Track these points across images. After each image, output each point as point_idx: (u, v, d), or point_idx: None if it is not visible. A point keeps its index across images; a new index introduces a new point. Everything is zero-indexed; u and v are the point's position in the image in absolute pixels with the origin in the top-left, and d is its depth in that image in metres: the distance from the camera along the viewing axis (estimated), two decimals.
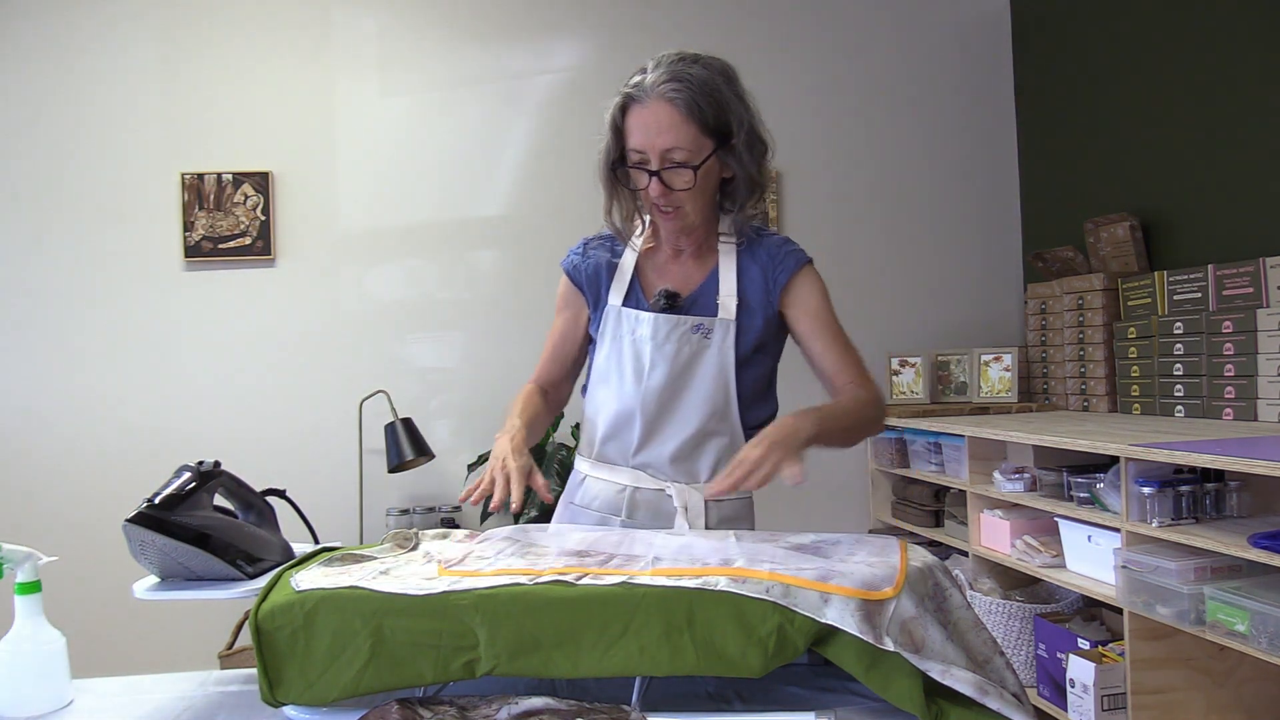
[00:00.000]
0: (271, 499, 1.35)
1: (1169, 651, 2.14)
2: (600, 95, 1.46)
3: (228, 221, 3.18)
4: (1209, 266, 2.54)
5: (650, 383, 1.48)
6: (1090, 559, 2.32)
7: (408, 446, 2.98)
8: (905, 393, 3.41)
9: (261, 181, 3.19)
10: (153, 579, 1.23)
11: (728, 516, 1.50)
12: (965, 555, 2.81)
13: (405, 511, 3.12)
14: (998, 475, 2.62)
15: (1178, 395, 2.62)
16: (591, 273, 1.57)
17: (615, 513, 1.53)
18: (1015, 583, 2.73)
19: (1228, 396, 2.45)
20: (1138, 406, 2.77)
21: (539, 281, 3.01)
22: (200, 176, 3.17)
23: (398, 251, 3.31)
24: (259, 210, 3.19)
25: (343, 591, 1.07)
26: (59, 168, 3.14)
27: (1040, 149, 3.50)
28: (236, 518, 1.29)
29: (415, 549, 1.29)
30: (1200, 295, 2.57)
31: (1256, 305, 2.39)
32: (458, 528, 1.82)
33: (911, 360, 3.40)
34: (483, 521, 3.13)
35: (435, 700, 1.02)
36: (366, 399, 3.10)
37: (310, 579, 1.11)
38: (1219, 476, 2.05)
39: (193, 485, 1.21)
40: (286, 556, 1.30)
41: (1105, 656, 2.28)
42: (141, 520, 1.15)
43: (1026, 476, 2.56)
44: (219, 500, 1.28)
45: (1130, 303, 2.84)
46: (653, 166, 1.40)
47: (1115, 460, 2.17)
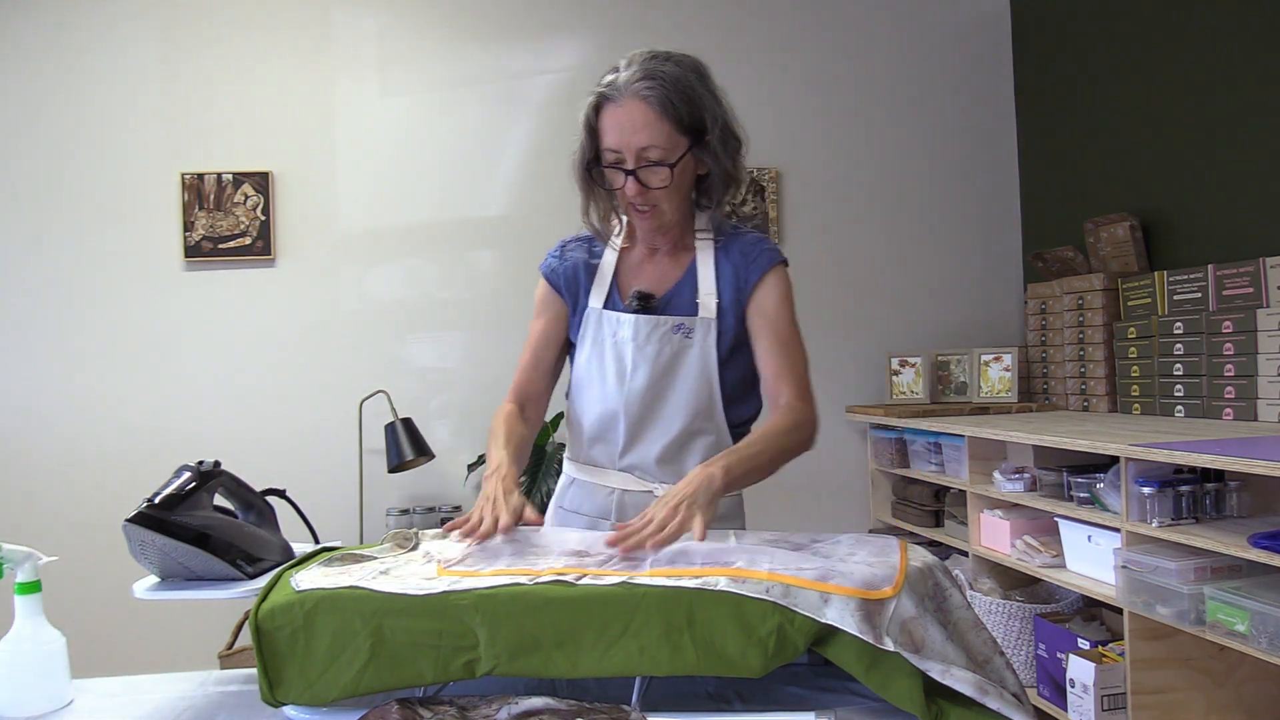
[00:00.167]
0: (271, 499, 1.35)
1: (1169, 651, 2.15)
2: None
3: (228, 221, 3.18)
4: (1209, 266, 2.54)
5: (633, 385, 1.48)
6: (1090, 559, 2.32)
7: (408, 446, 2.98)
8: (905, 393, 3.41)
9: (261, 181, 3.19)
10: (153, 579, 1.23)
11: (719, 515, 1.50)
12: (965, 555, 2.81)
13: (405, 511, 3.12)
14: (998, 475, 2.62)
15: (1178, 395, 2.62)
16: (570, 275, 1.56)
17: (604, 516, 1.53)
18: (1015, 583, 2.73)
19: (1228, 396, 2.45)
20: (1138, 406, 2.77)
21: (539, 281, 3.01)
22: (200, 176, 3.17)
23: (398, 251, 3.31)
24: (259, 210, 3.19)
25: (343, 591, 1.07)
26: (59, 168, 3.14)
27: (1040, 149, 3.50)
28: (236, 518, 1.29)
29: (415, 549, 1.29)
30: (1200, 295, 2.57)
31: (1256, 305, 2.39)
32: None
33: (911, 360, 3.40)
34: None
35: (435, 700, 1.02)
36: (366, 399, 3.10)
37: (310, 579, 1.11)
38: (1219, 476, 2.05)
39: (193, 485, 1.21)
40: (286, 556, 1.30)
41: (1105, 656, 2.28)
42: (141, 520, 1.15)
43: (1026, 476, 2.56)
44: (219, 500, 1.28)
45: (1130, 303, 2.84)
46: (628, 165, 1.39)
47: (1115, 460, 2.17)
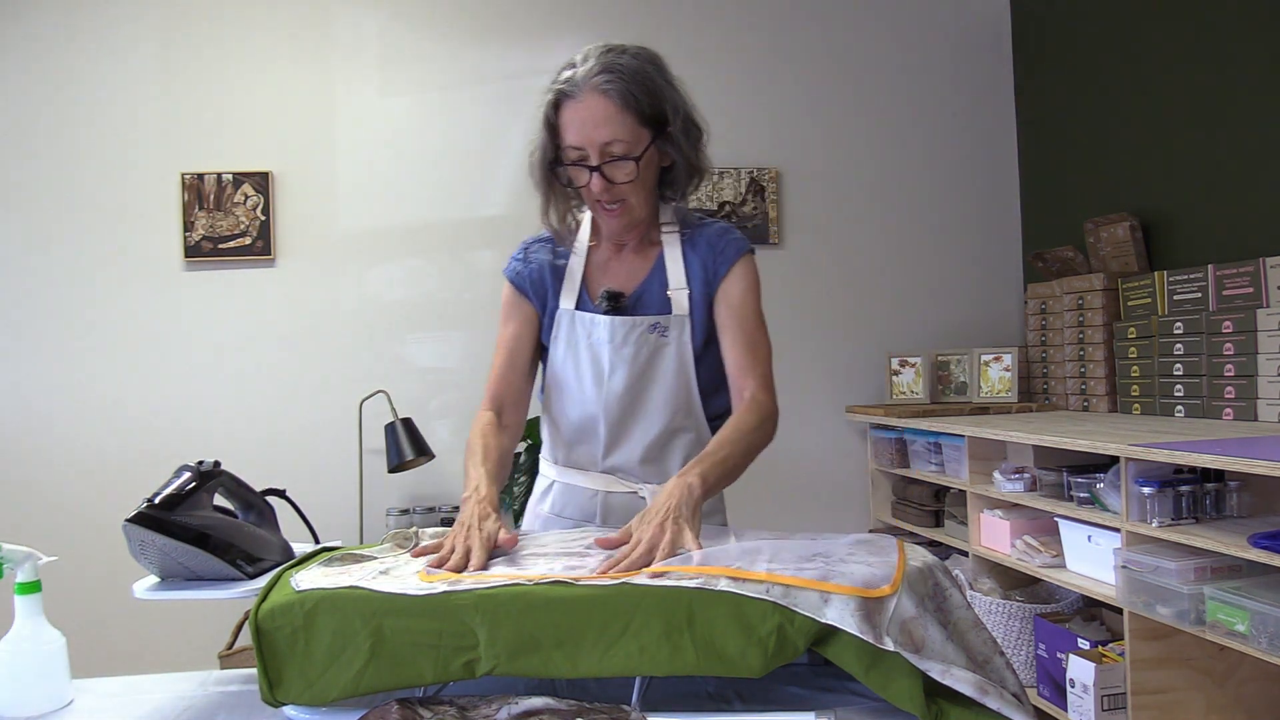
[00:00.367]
0: (271, 499, 1.35)
1: (1169, 651, 2.15)
2: None
3: (228, 221, 3.18)
4: (1209, 266, 2.54)
5: (612, 386, 1.47)
6: (1090, 559, 2.32)
7: (408, 446, 2.98)
8: (905, 393, 3.41)
9: (261, 181, 3.19)
10: (153, 579, 1.23)
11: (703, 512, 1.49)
12: (965, 555, 2.81)
13: (405, 511, 3.12)
14: (998, 475, 2.62)
15: (1178, 395, 2.62)
16: (536, 277, 1.53)
17: (589, 518, 1.51)
18: (1015, 583, 2.73)
19: (1228, 396, 2.45)
20: (1138, 406, 2.77)
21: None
22: (200, 176, 3.17)
23: (398, 251, 3.31)
24: (259, 210, 3.19)
25: (343, 591, 1.07)
26: (59, 168, 3.14)
27: (1040, 149, 3.50)
28: (236, 518, 1.29)
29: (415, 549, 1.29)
30: (1200, 295, 2.57)
31: (1256, 305, 2.39)
32: None
33: (911, 360, 3.40)
34: None
35: (435, 700, 1.02)
36: (366, 399, 3.10)
37: (310, 579, 1.11)
38: (1219, 476, 2.05)
39: (193, 485, 1.21)
40: (286, 556, 1.30)
41: (1105, 656, 2.28)
42: (141, 520, 1.15)
43: (1026, 476, 2.56)
44: (219, 500, 1.28)
45: (1130, 303, 2.84)
46: (592, 162, 1.37)
47: (1115, 460, 2.17)
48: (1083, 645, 2.35)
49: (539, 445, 1.67)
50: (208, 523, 1.20)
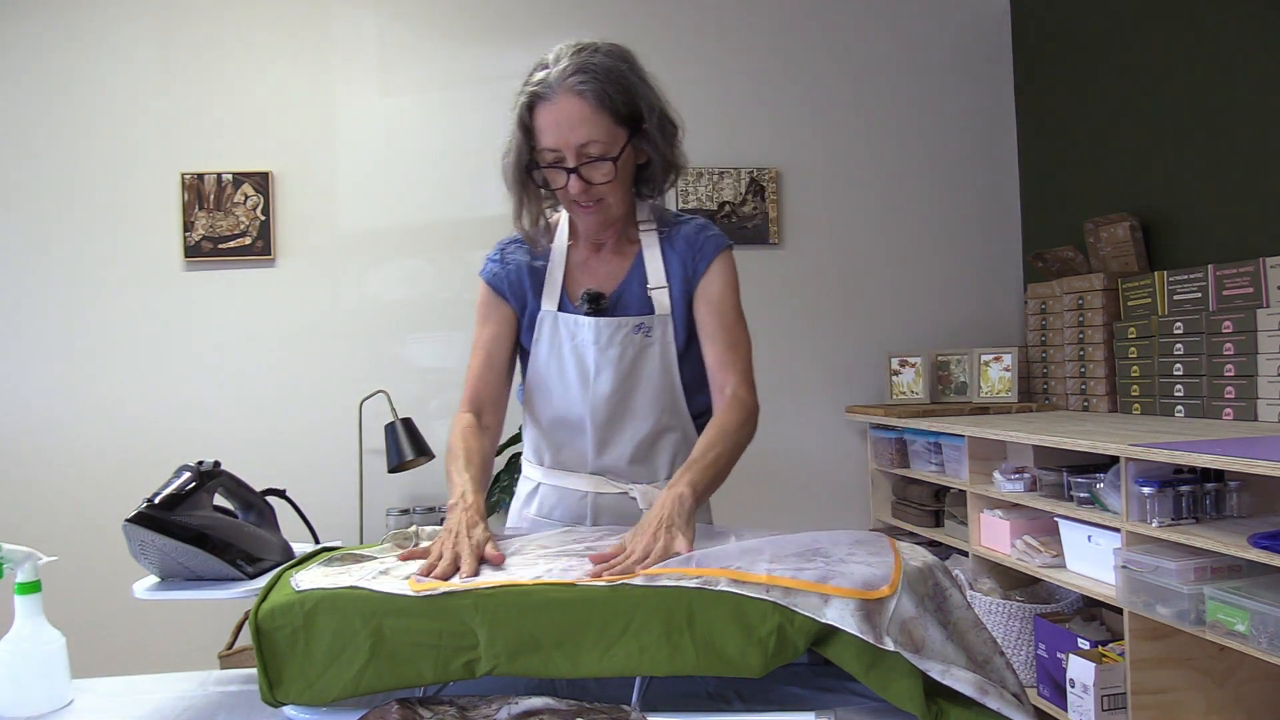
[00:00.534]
0: (271, 499, 1.35)
1: (1169, 651, 2.15)
2: None
3: (228, 221, 3.18)
4: (1209, 266, 2.54)
5: (598, 388, 1.46)
6: (1090, 559, 2.32)
7: (408, 446, 2.98)
8: (905, 393, 3.41)
9: (261, 181, 3.19)
10: (153, 579, 1.23)
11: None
12: (965, 555, 2.81)
13: (405, 511, 3.12)
14: (998, 475, 2.62)
15: (1178, 395, 2.62)
16: (514, 279, 1.52)
17: (579, 520, 1.51)
18: (1015, 583, 2.73)
19: (1228, 396, 2.45)
20: (1138, 406, 2.77)
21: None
22: (200, 176, 3.17)
23: (398, 251, 3.31)
24: (259, 210, 3.19)
25: (343, 591, 1.07)
26: (59, 168, 3.14)
27: (1040, 149, 3.50)
28: (236, 518, 1.29)
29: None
30: (1200, 295, 2.57)
31: (1256, 305, 2.39)
32: None
33: (911, 360, 3.40)
34: None
35: (435, 700, 1.02)
36: (366, 399, 3.10)
37: (310, 579, 1.11)
38: (1219, 476, 2.05)
39: (193, 485, 1.21)
40: (286, 556, 1.30)
41: (1105, 656, 2.28)
42: (141, 520, 1.15)
43: (1026, 476, 2.56)
44: (219, 500, 1.28)
45: (1130, 303, 2.84)
46: (569, 164, 1.36)
47: (1115, 460, 2.17)
48: (1083, 645, 2.35)
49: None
50: (208, 523, 1.20)
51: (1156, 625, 2.08)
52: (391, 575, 1.12)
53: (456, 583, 1.08)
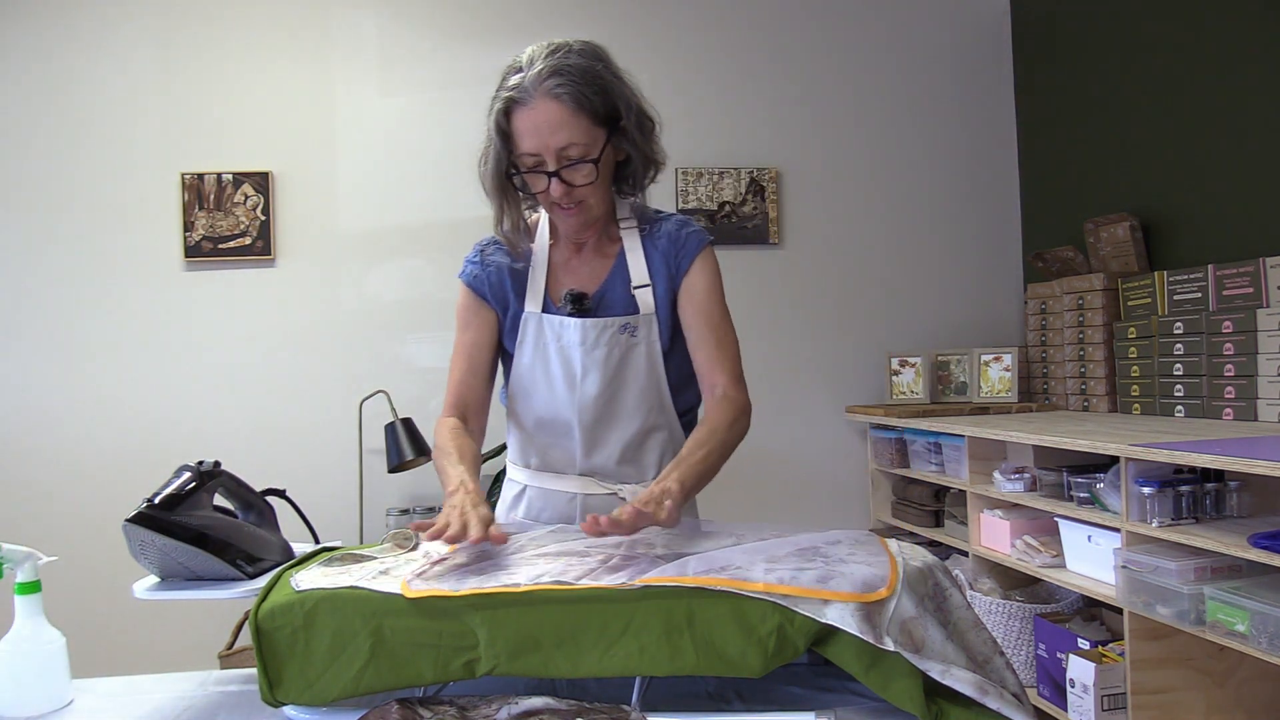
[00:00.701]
0: (271, 499, 1.35)
1: (1169, 651, 2.15)
2: None
3: (228, 221, 3.18)
4: (1209, 266, 2.54)
5: (585, 389, 1.45)
6: (1090, 559, 2.32)
7: (408, 446, 2.98)
8: (905, 393, 3.41)
9: (261, 181, 3.19)
10: (153, 579, 1.23)
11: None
12: (965, 555, 2.81)
13: (405, 511, 3.12)
14: (998, 475, 2.62)
15: (1178, 395, 2.62)
16: (495, 281, 1.51)
17: (568, 522, 1.50)
18: (1015, 583, 2.73)
19: (1228, 396, 2.45)
20: (1138, 406, 2.77)
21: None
22: (200, 176, 3.17)
23: (398, 251, 3.31)
24: (259, 210, 3.19)
25: (342, 591, 1.07)
26: (59, 168, 3.14)
27: (1040, 149, 3.50)
28: (236, 518, 1.29)
29: (415, 549, 1.29)
30: (1200, 295, 2.57)
31: (1256, 305, 2.39)
32: None
33: (911, 360, 3.40)
34: None
35: (435, 700, 1.02)
36: (366, 399, 3.10)
37: (310, 579, 1.11)
38: (1219, 476, 2.05)
39: (193, 485, 1.21)
40: (286, 556, 1.30)
41: (1105, 656, 2.28)
42: (141, 520, 1.16)
43: (1026, 476, 2.56)
44: (219, 500, 1.28)
45: (1130, 303, 2.84)
46: (550, 167, 1.36)
47: (1115, 460, 2.17)
48: (1083, 645, 2.35)
49: None
50: (208, 523, 1.20)
51: (1156, 625, 2.08)
52: (391, 575, 1.12)
53: (449, 589, 1.06)
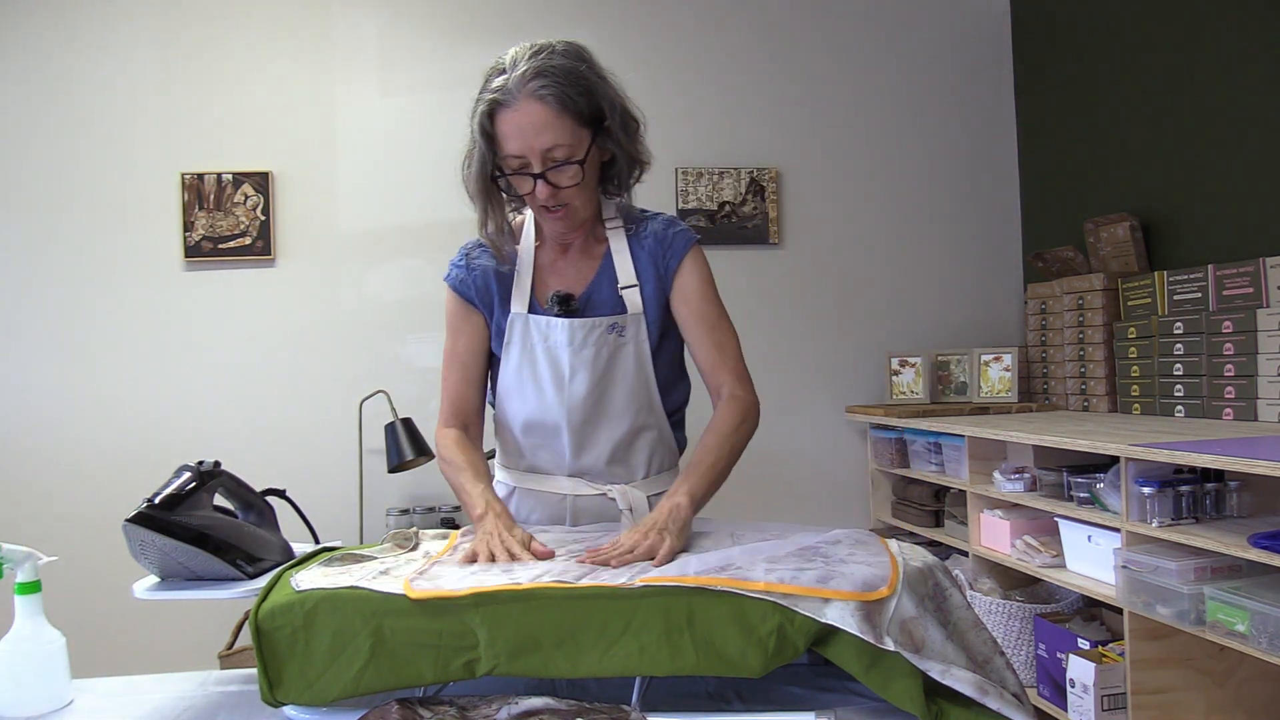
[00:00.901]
0: (271, 499, 1.35)
1: (1169, 651, 2.14)
2: None
3: (228, 221, 3.18)
4: (1209, 266, 2.54)
5: (573, 390, 1.45)
6: (1090, 559, 2.32)
7: (408, 446, 2.98)
8: (905, 393, 3.41)
9: (261, 181, 3.19)
10: (153, 579, 1.23)
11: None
12: (965, 555, 2.81)
13: (405, 511, 3.12)
14: (998, 475, 2.62)
15: (1178, 395, 2.62)
16: (481, 284, 1.51)
17: (558, 523, 1.50)
18: (1015, 583, 2.73)
19: (1228, 396, 2.45)
20: (1138, 406, 2.77)
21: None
22: (200, 176, 3.17)
23: (398, 251, 3.31)
24: (259, 210, 3.19)
25: (343, 591, 1.07)
26: (59, 168, 3.13)
27: (1040, 149, 3.50)
28: (236, 518, 1.29)
29: (415, 549, 1.29)
30: (1200, 295, 2.57)
31: (1256, 305, 2.39)
32: (457, 528, 1.81)
33: (911, 360, 3.40)
34: None
35: (435, 700, 1.02)
36: (366, 399, 3.10)
37: (310, 579, 1.11)
38: (1219, 476, 2.05)
39: (193, 485, 1.21)
40: (286, 556, 1.30)
41: (1105, 656, 2.28)
42: (141, 520, 1.16)
43: (1026, 476, 2.56)
44: (219, 500, 1.28)
45: (1130, 303, 2.84)
46: (535, 169, 1.35)
47: (1115, 460, 2.17)
48: (1083, 645, 2.35)
49: None
50: (208, 523, 1.20)
51: (1156, 625, 2.08)
52: (392, 575, 1.12)
53: (451, 589, 1.06)
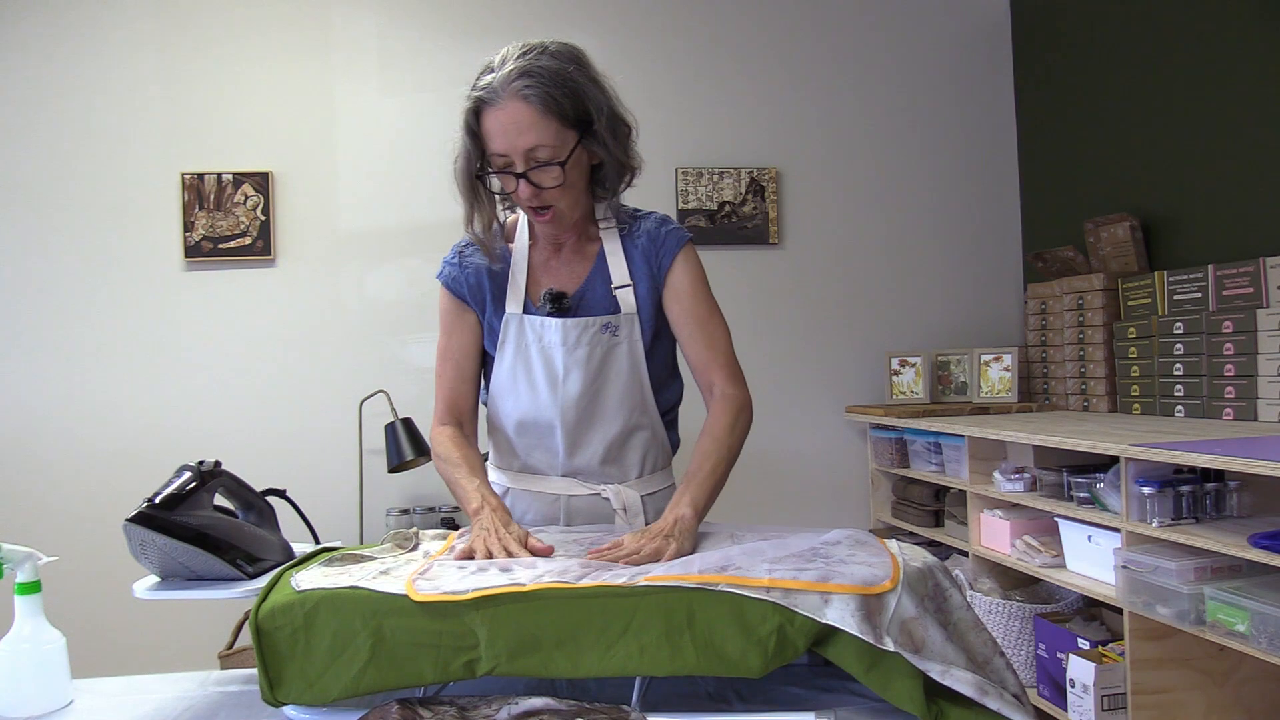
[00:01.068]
0: (271, 499, 1.35)
1: (1169, 651, 2.15)
2: None
3: (228, 221, 3.18)
4: (1209, 266, 2.54)
5: (567, 390, 1.45)
6: (1090, 559, 2.32)
7: (408, 446, 2.98)
8: (905, 393, 3.41)
9: (261, 181, 3.19)
10: (153, 579, 1.23)
11: (662, 509, 1.47)
12: (965, 555, 2.81)
13: (405, 511, 3.12)
14: (998, 475, 2.62)
15: (1178, 395, 2.62)
16: (474, 283, 1.51)
17: (552, 523, 1.50)
18: (1015, 583, 2.73)
19: (1228, 396, 2.45)
20: (1138, 406, 2.77)
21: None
22: (200, 176, 3.17)
23: (398, 251, 3.31)
24: (259, 210, 3.19)
25: (343, 591, 1.07)
26: (60, 168, 3.13)
27: (1040, 149, 3.50)
28: (236, 518, 1.29)
29: (415, 549, 1.29)
30: (1200, 295, 2.57)
31: (1256, 305, 2.39)
32: (457, 528, 1.81)
33: (911, 360, 3.40)
34: None
35: (435, 700, 1.02)
36: (366, 399, 3.10)
37: (310, 579, 1.11)
38: (1219, 476, 2.05)
39: (193, 485, 1.21)
40: (286, 556, 1.30)
41: (1105, 656, 2.28)
42: (141, 520, 1.16)
43: (1026, 476, 2.56)
44: (219, 500, 1.28)
45: (1130, 303, 2.84)
46: (518, 168, 1.36)
47: (1115, 460, 2.17)
48: (1083, 645, 2.35)
49: None
50: (208, 523, 1.20)
51: (1156, 625, 2.08)
52: (392, 575, 1.12)
53: (452, 590, 1.06)
